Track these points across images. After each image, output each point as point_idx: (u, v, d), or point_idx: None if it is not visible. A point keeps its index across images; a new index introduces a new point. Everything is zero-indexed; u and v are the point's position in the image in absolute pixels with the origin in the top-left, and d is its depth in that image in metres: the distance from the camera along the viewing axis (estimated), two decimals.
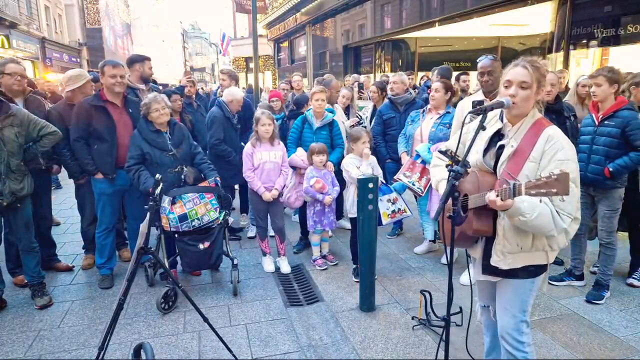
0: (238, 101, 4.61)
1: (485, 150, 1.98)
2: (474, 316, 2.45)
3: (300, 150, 4.28)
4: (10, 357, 2.77)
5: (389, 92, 4.81)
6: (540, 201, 1.69)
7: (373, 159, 4.00)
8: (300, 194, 4.28)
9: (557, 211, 1.71)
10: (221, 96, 4.96)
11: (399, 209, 3.88)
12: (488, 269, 1.99)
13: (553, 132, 1.80)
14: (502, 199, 1.65)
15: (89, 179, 3.78)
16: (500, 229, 1.87)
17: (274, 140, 3.94)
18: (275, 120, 3.98)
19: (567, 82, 5.40)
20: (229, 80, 5.58)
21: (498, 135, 1.98)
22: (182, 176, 3.60)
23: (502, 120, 1.97)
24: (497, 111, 1.95)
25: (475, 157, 1.99)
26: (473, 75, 6.13)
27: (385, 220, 3.75)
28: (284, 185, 4.04)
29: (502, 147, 1.92)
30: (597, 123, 3.29)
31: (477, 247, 2.04)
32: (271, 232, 4.24)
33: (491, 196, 1.68)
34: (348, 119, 5.14)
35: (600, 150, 3.24)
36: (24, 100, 3.68)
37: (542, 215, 1.68)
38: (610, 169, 3.17)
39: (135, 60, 4.37)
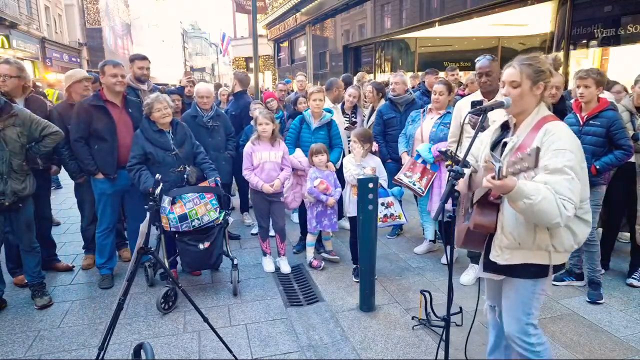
0: (200, 98, 4.40)
1: (496, 145, 2.01)
2: (474, 316, 2.45)
3: (298, 151, 4.27)
4: (10, 357, 2.77)
5: (390, 92, 4.78)
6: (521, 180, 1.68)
7: (378, 160, 3.99)
8: (297, 195, 4.29)
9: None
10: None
11: (392, 214, 3.87)
12: (488, 265, 2.00)
13: (553, 126, 1.81)
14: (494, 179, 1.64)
15: (87, 178, 3.78)
16: (499, 223, 1.87)
17: (274, 140, 3.93)
18: (275, 120, 3.97)
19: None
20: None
21: (507, 129, 2.03)
22: (185, 175, 3.60)
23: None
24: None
25: (485, 152, 2.02)
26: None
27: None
28: (286, 178, 4.03)
29: (506, 143, 1.95)
30: (581, 123, 3.39)
31: (484, 244, 2.04)
32: (271, 232, 4.24)
33: (484, 181, 1.67)
34: (356, 118, 5.09)
35: (587, 149, 3.31)
36: (24, 100, 3.67)
37: (547, 200, 1.65)
38: (597, 167, 3.28)
39: (130, 60, 4.41)
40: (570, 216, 1.70)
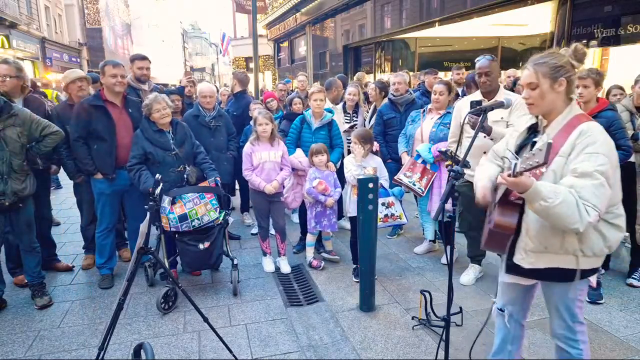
0: (204, 98, 4.38)
1: (523, 147, 1.95)
2: (476, 318, 2.45)
3: (299, 151, 4.27)
4: (10, 357, 2.77)
5: (393, 92, 4.74)
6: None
7: (379, 160, 4.00)
8: (298, 195, 4.29)
9: (582, 202, 1.63)
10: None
11: (393, 214, 3.86)
12: (511, 268, 1.95)
13: (588, 127, 1.74)
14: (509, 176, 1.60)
15: (85, 178, 3.79)
16: (523, 226, 1.83)
17: (273, 140, 3.93)
18: (273, 120, 3.97)
19: None
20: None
21: (535, 131, 1.96)
22: (185, 175, 3.60)
23: (537, 116, 1.95)
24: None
25: (507, 155, 1.97)
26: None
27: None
28: (285, 179, 4.03)
29: (535, 143, 1.88)
30: None
31: (507, 246, 1.97)
32: (272, 231, 4.24)
33: (499, 178, 1.64)
34: (357, 117, 5.08)
35: None
36: (23, 100, 3.67)
37: (566, 203, 1.60)
38: None
39: (130, 60, 4.43)
40: (591, 222, 1.64)
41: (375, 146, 4.57)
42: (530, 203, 1.66)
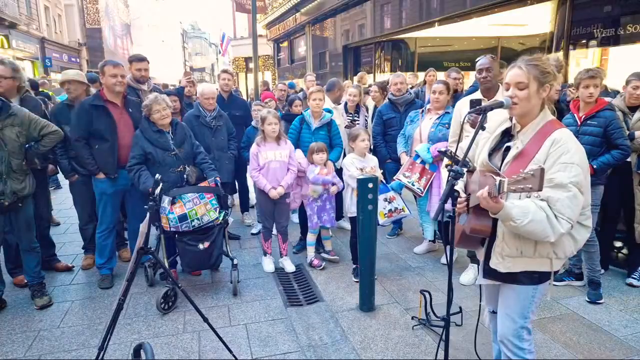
0: (205, 99, 4.37)
1: (495, 150, 1.97)
2: (476, 318, 2.45)
3: (298, 152, 4.27)
4: (10, 357, 2.77)
5: (395, 92, 4.72)
6: (521, 198, 1.67)
7: (374, 159, 4.00)
8: (297, 195, 4.29)
9: (555, 215, 1.68)
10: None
11: (396, 208, 3.87)
12: (489, 272, 1.97)
13: (560, 135, 1.76)
14: (491, 196, 1.63)
15: (79, 177, 3.80)
16: (499, 231, 1.85)
17: (279, 140, 3.93)
18: (280, 119, 3.97)
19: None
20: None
21: (508, 135, 1.97)
22: (185, 175, 3.60)
23: (512, 120, 1.95)
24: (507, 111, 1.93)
25: (481, 157, 1.98)
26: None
27: (381, 219, 3.73)
28: (289, 183, 4.03)
29: (509, 148, 1.90)
30: (579, 123, 3.38)
31: (483, 249, 2.02)
32: (273, 231, 4.24)
33: (479, 192, 1.67)
34: (358, 117, 5.09)
35: (584, 149, 3.30)
36: (19, 100, 3.64)
37: (536, 222, 1.65)
38: (595, 167, 3.27)
39: (129, 62, 4.44)
40: (564, 233, 1.71)
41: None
42: (502, 221, 1.73)
